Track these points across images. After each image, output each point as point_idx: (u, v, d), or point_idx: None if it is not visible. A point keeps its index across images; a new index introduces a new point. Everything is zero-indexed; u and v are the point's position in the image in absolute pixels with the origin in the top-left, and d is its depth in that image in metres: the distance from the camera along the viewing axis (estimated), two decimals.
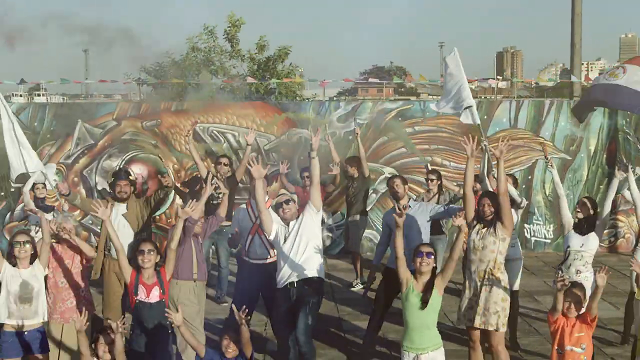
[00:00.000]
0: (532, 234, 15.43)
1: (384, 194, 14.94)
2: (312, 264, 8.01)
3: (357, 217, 12.72)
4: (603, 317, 10.74)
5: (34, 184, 10.20)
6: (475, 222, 7.94)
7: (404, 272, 6.99)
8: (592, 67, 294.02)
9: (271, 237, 8.14)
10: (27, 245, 7.18)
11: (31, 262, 7.23)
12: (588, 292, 7.99)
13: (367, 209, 13.50)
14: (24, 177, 9.98)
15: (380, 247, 9.57)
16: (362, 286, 12.35)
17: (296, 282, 7.97)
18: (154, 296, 7.12)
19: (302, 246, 7.95)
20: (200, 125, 15.12)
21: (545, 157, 9.79)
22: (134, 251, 7.24)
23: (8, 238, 15.03)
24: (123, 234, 8.66)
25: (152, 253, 7.11)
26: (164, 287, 7.20)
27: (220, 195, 11.06)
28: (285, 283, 8.02)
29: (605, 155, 15.50)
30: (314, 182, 8.03)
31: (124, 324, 6.39)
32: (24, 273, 7.14)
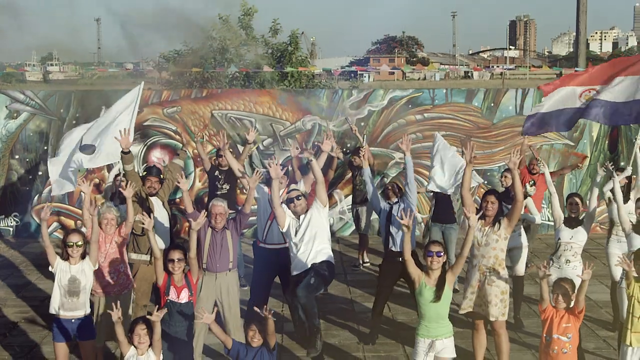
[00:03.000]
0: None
1: (395, 177, 15.62)
2: (323, 254, 8.79)
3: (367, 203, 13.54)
4: (598, 300, 11.37)
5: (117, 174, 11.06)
6: (478, 219, 8.56)
7: (415, 271, 7.64)
8: (605, 36, 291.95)
9: (284, 230, 8.95)
10: (80, 245, 7.86)
11: (82, 257, 7.93)
12: (577, 280, 8.73)
13: (378, 193, 14.38)
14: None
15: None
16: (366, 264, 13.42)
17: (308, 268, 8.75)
18: (183, 297, 7.83)
19: (311, 238, 8.74)
20: (219, 111, 15.81)
21: (536, 158, 10.32)
22: (165, 257, 7.95)
23: (36, 219, 15.88)
24: (166, 221, 9.77)
25: (181, 261, 7.82)
26: (191, 290, 7.92)
27: (225, 187, 11.78)
28: (299, 273, 8.78)
29: (607, 142, 16.13)
30: (319, 181, 8.81)
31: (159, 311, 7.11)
32: (74, 269, 7.81)
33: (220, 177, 11.79)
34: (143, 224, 7.90)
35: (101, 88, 18.96)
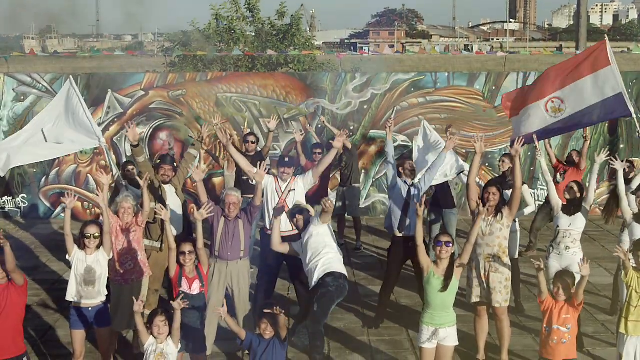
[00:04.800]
0: (536, 199, 16.29)
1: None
2: (330, 265, 8.56)
3: (357, 185, 13.83)
4: (597, 283, 11.60)
5: (125, 162, 11.19)
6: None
7: (425, 259, 7.87)
8: (606, 8, 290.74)
9: None
10: (97, 237, 8.07)
11: (98, 246, 8.15)
12: (575, 267, 8.97)
13: (380, 175, 15.57)
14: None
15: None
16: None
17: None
18: (195, 289, 8.04)
19: (314, 250, 8.58)
20: (224, 94, 16.01)
21: (535, 146, 10.52)
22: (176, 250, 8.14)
23: (45, 202, 16.13)
24: (178, 208, 9.96)
25: (192, 254, 8.02)
26: (203, 281, 8.14)
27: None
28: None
29: (607, 125, 16.32)
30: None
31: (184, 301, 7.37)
32: (89, 259, 8.04)
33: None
34: (160, 215, 8.12)
35: (107, 70, 19.10)
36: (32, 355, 8.58)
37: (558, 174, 12.78)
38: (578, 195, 9.49)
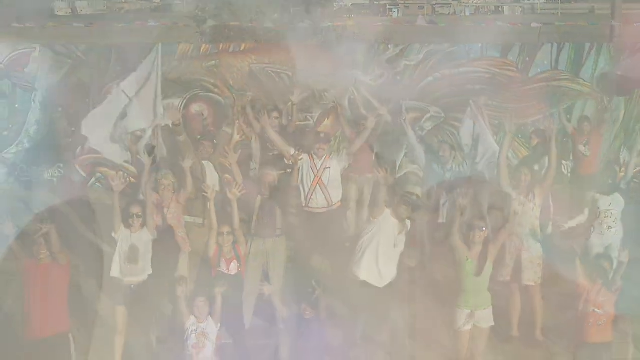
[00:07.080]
0: (568, 171, 16.19)
1: (430, 132, 15.78)
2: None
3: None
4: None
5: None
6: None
7: (458, 243, 7.95)
8: None
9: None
10: (140, 216, 8.22)
11: (142, 225, 8.29)
12: (617, 245, 9.01)
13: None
14: None
15: None
16: None
17: None
18: (233, 269, 8.21)
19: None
20: (257, 65, 16.00)
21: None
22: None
23: (80, 171, 16.30)
24: (216, 184, 10.03)
25: (230, 235, 8.16)
26: (240, 262, 8.28)
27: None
28: None
29: None
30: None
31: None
32: (134, 237, 8.22)
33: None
34: (207, 193, 8.26)
35: (138, 34, 19.16)
36: (73, 330, 8.72)
37: (581, 145, 12.66)
38: (618, 174, 9.53)
